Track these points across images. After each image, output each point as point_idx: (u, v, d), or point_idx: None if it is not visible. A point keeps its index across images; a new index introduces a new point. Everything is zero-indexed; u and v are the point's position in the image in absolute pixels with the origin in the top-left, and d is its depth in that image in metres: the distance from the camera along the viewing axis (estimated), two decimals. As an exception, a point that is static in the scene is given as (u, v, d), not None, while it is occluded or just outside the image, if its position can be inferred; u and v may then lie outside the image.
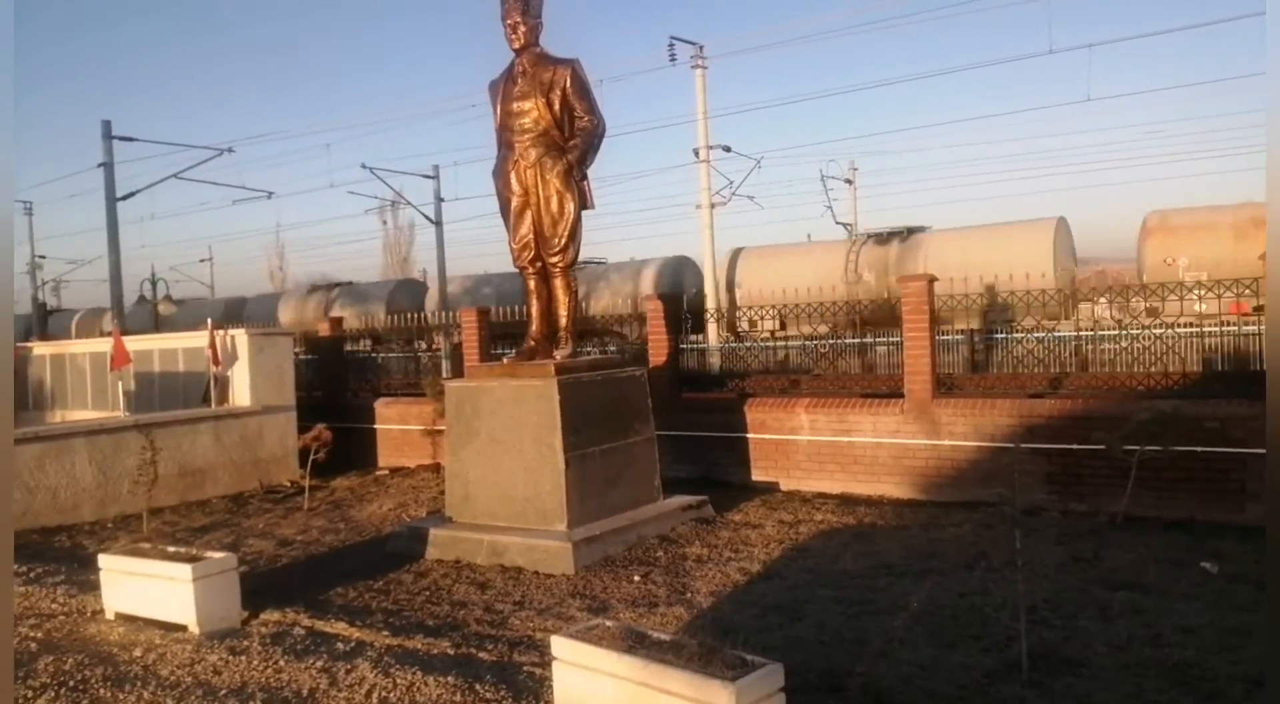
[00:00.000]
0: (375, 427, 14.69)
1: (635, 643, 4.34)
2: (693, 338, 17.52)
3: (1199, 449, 8.77)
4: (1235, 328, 11.48)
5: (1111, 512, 8.80)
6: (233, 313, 34.89)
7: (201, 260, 51.20)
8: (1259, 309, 11.44)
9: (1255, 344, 10.62)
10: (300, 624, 6.53)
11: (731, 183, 28.10)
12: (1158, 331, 10.84)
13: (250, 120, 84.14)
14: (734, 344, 16.79)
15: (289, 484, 13.01)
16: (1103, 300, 12.81)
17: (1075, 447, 9.33)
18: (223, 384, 13.33)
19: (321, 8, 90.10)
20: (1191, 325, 11.53)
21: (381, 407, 14.78)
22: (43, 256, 45.41)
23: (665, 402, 11.25)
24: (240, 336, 13.46)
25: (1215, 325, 11.57)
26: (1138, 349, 11.00)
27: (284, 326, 28.52)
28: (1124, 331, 11.52)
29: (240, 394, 13.33)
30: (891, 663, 5.54)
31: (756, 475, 11.41)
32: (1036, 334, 11.84)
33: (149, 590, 6.64)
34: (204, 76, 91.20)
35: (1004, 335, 12.80)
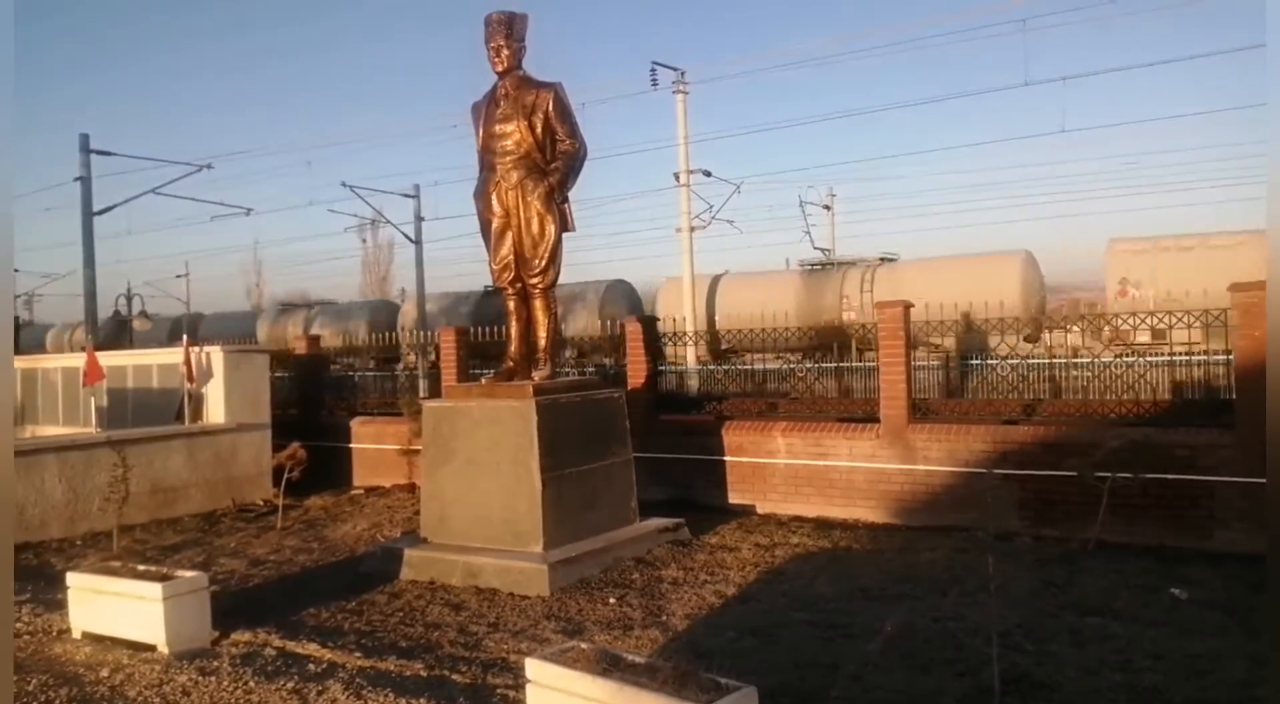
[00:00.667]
0: (351, 446, 14.60)
1: (610, 666, 4.33)
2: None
3: (1169, 476, 8.89)
4: (1205, 357, 11.64)
5: (1083, 538, 8.88)
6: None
7: (178, 276, 50.86)
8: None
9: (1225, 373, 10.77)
10: (271, 645, 6.47)
11: (711, 207, 28.33)
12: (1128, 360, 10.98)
13: (230, 136, 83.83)
14: (711, 367, 16.86)
15: (262, 503, 12.88)
16: None
17: (1048, 473, 9.43)
18: (197, 401, 13.22)
19: (303, 25, 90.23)
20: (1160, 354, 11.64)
21: (358, 426, 14.71)
22: (15, 269, 44.92)
23: (643, 424, 11.27)
24: (216, 353, 13.37)
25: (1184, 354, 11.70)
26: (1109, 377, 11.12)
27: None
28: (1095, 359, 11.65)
29: (215, 411, 13.21)
30: (865, 687, 5.56)
31: (733, 498, 11.43)
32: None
33: (118, 609, 6.55)
34: (184, 92, 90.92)
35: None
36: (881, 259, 25.68)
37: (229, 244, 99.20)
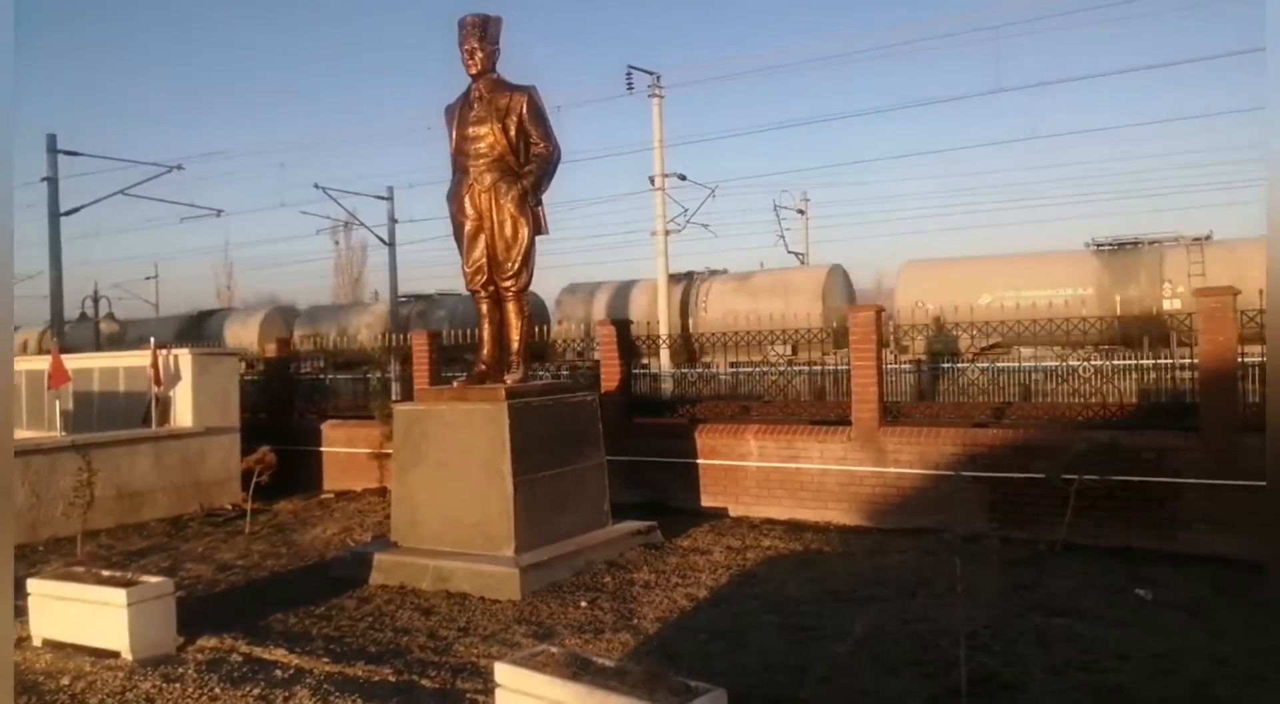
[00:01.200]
0: (321, 449, 14.48)
1: (579, 669, 4.33)
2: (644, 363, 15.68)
3: (1135, 479, 9.00)
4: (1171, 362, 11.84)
5: (1051, 539, 8.97)
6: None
7: (147, 278, 50.36)
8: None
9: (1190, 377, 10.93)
10: (238, 651, 6.40)
11: (686, 210, 28.45)
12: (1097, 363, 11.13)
13: (201, 137, 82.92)
14: (684, 370, 16.85)
15: (231, 507, 12.74)
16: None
17: (1016, 475, 9.52)
18: (164, 405, 13.06)
19: (276, 26, 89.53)
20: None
21: (328, 429, 14.59)
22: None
23: (616, 427, 11.26)
24: (184, 356, 13.22)
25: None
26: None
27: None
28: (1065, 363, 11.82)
29: (182, 415, 13.06)
30: (835, 689, 5.58)
31: (706, 501, 11.45)
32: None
33: (80, 616, 6.45)
34: (155, 92, 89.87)
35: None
36: (1209, 236, 21.12)
37: (199, 246, 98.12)
